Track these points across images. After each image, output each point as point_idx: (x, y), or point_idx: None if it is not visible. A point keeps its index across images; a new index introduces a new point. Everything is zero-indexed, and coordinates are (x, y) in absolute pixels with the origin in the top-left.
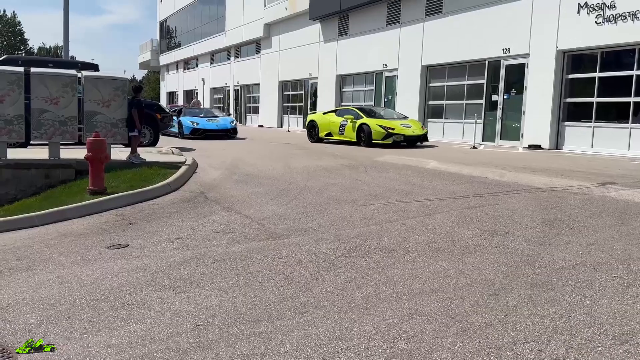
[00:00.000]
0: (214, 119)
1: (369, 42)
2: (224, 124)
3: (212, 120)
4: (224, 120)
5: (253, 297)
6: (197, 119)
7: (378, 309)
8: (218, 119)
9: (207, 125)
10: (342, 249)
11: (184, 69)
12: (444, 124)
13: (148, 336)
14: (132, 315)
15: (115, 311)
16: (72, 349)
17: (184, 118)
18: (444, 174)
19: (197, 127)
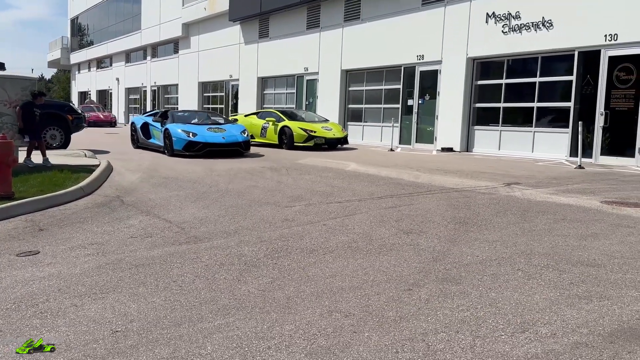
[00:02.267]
0: (218, 129)
1: (290, 46)
2: (233, 135)
3: (215, 129)
4: (232, 130)
5: (173, 301)
6: (192, 128)
7: (299, 308)
8: (222, 127)
9: (209, 136)
10: (264, 251)
11: (97, 68)
12: (364, 127)
13: (63, 344)
14: (45, 324)
15: (27, 320)
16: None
17: (172, 126)
18: (363, 175)
19: (193, 139)
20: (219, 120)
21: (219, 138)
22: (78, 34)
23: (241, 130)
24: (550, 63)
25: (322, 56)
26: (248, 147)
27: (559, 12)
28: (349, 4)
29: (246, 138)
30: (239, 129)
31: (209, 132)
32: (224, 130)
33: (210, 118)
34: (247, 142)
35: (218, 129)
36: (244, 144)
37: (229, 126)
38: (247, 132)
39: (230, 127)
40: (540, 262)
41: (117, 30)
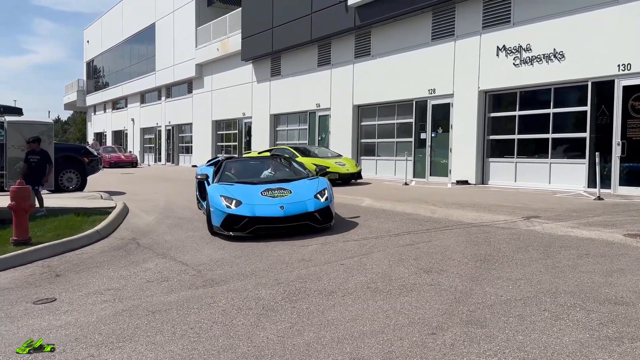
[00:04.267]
0: (280, 190)
1: (302, 82)
2: (299, 203)
3: (274, 192)
4: (301, 191)
5: (191, 349)
6: (239, 190)
7: (320, 355)
8: (286, 188)
9: (259, 206)
10: (282, 294)
11: (112, 109)
12: (377, 161)
13: None
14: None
15: None
16: None
17: (214, 188)
18: (379, 211)
19: (235, 211)
20: (287, 176)
21: (275, 210)
22: (93, 76)
23: (317, 190)
24: (563, 94)
25: (333, 92)
26: (328, 218)
27: (570, 43)
28: (359, 41)
29: (323, 204)
30: (313, 188)
31: (262, 197)
32: (288, 193)
33: (279, 170)
34: (324, 210)
35: (280, 191)
36: (320, 213)
37: (299, 184)
38: (327, 191)
39: (300, 187)
40: (566, 301)
41: (132, 72)
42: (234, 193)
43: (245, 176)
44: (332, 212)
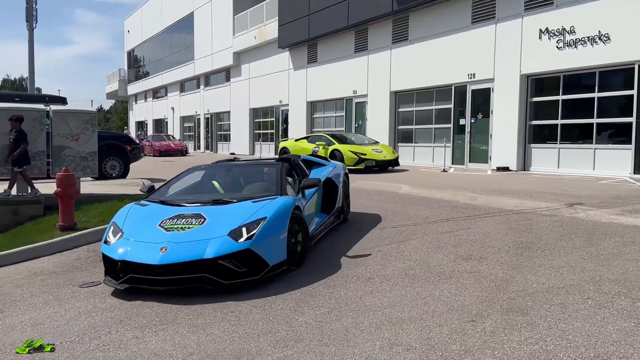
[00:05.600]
0: (189, 221)
1: (338, 69)
2: (197, 245)
3: (181, 223)
4: (224, 219)
5: (231, 332)
6: (144, 216)
7: (358, 340)
8: (201, 219)
9: (143, 249)
10: (319, 279)
11: (153, 98)
12: (414, 148)
13: None
14: (108, 357)
15: (91, 353)
16: None
17: (126, 208)
18: (417, 198)
19: (116, 255)
20: (248, 193)
21: (152, 252)
22: (134, 65)
23: (248, 219)
24: (608, 77)
25: (370, 78)
26: (255, 266)
27: (616, 25)
28: (397, 26)
29: (239, 245)
30: (245, 216)
31: (157, 228)
32: (197, 224)
33: (250, 183)
34: (242, 256)
35: (189, 220)
36: (233, 259)
37: (233, 208)
38: (264, 223)
39: (230, 212)
40: (611, 289)
41: (171, 61)
42: (133, 218)
43: (197, 190)
44: (280, 256)
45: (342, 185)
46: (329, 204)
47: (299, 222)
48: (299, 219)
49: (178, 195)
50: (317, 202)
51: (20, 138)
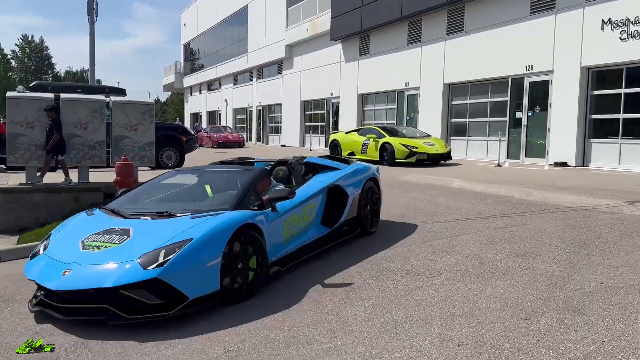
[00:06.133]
0: (110, 238)
1: (391, 61)
2: (98, 273)
3: (102, 239)
4: (145, 238)
5: (281, 321)
6: (77, 228)
7: (408, 334)
8: (124, 237)
9: (46, 271)
10: (369, 272)
11: (207, 91)
12: (467, 142)
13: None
14: (163, 338)
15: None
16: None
17: (74, 217)
18: (469, 193)
19: (27, 270)
20: (200, 204)
21: (54, 275)
22: (190, 58)
23: (170, 240)
24: None
25: (423, 70)
26: (169, 301)
27: None
28: (452, 17)
29: (148, 273)
30: (168, 236)
31: (76, 244)
32: (114, 243)
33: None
34: (152, 285)
35: (111, 237)
36: (142, 289)
37: (166, 224)
38: (188, 245)
39: (158, 229)
40: None
41: (225, 54)
42: (68, 229)
43: (166, 197)
44: (208, 287)
45: (362, 194)
46: (333, 216)
47: (254, 244)
48: (252, 239)
49: (135, 203)
50: (314, 212)
51: (55, 128)
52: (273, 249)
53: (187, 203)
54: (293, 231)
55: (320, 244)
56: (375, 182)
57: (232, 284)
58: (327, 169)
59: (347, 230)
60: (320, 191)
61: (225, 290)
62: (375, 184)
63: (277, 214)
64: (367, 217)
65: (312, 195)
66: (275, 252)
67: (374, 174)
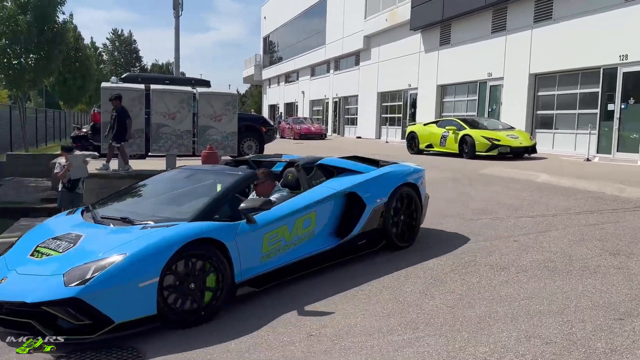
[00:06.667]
0: (57, 245)
1: (472, 51)
2: (23, 287)
3: (51, 246)
4: (90, 247)
5: (362, 309)
6: (41, 232)
7: (492, 329)
8: (70, 244)
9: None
10: (451, 265)
11: (285, 83)
12: (554, 135)
13: (264, 343)
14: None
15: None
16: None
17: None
18: (557, 188)
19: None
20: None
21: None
22: (269, 51)
23: (112, 250)
24: None
25: (507, 60)
26: (89, 323)
27: None
28: (539, 4)
29: (70, 291)
30: (114, 245)
31: (25, 251)
32: (58, 251)
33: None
34: (73, 304)
35: (59, 244)
36: (66, 307)
37: (117, 232)
38: (124, 260)
39: (108, 236)
40: None
41: (303, 46)
42: (36, 231)
43: (141, 200)
44: (141, 310)
45: (391, 202)
46: (346, 226)
47: (213, 261)
48: (211, 256)
49: (122, 203)
50: (315, 223)
51: (122, 115)
52: (246, 266)
53: (164, 207)
54: (279, 245)
55: (326, 259)
56: (414, 188)
57: (182, 305)
58: (346, 172)
59: (365, 244)
60: (328, 198)
61: (162, 316)
62: (414, 191)
63: (254, 227)
64: (398, 229)
65: (315, 204)
66: (249, 270)
67: (412, 179)
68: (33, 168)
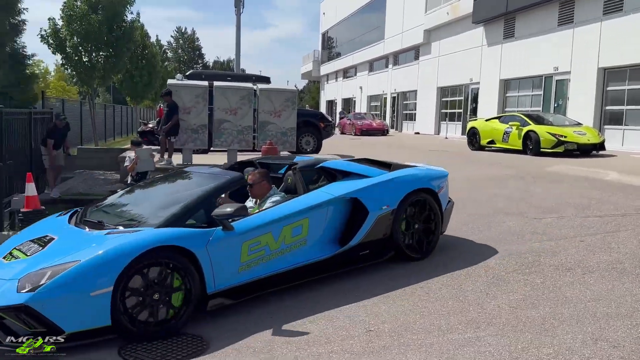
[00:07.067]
0: (29, 247)
1: (537, 45)
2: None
3: (24, 249)
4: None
5: (421, 307)
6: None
7: (557, 331)
8: (40, 246)
9: None
10: (513, 265)
11: (342, 78)
12: (624, 131)
13: (323, 336)
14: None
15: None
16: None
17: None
18: (628, 187)
19: None
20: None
21: None
22: (327, 47)
23: (62, 259)
24: None
25: (575, 54)
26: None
27: None
28: None
29: (20, 297)
30: (65, 252)
31: (4, 250)
32: (26, 254)
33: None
34: (20, 311)
35: (31, 246)
36: (20, 315)
37: (81, 237)
38: (75, 267)
39: (60, 246)
40: None
41: (362, 41)
42: (24, 233)
43: (135, 203)
44: (95, 321)
45: (401, 209)
46: (346, 234)
47: (180, 270)
48: (177, 265)
49: (109, 206)
50: (307, 231)
51: (173, 110)
52: (221, 276)
53: (144, 211)
54: (262, 254)
55: (321, 269)
56: (431, 194)
57: (145, 316)
58: (351, 175)
59: (368, 254)
60: (324, 204)
61: (117, 327)
62: (432, 197)
63: (230, 234)
64: (410, 239)
65: (307, 210)
66: (224, 280)
67: (429, 184)
68: (102, 161)
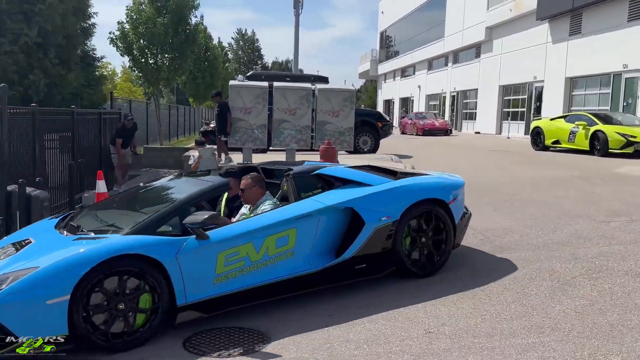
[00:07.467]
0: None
1: (606, 41)
2: None
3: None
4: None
5: (482, 310)
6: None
7: (625, 338)
8: (13, 250)
9: None
10: (580, 269)
11: (400, 77)
12: None
13: (382, 336)
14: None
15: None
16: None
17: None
18: None
19: None
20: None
21: None
22: (385, 45)
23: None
24: None
25: None
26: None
27: None
28: None
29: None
30: (32, 257)
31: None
32: (7, 255)
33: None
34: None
35: (6, 250)
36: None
37: (54, 241)
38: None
39: (33, 251)
40: None
41: (421, 40)
42: (15, 233)
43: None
44: (50, 329)
45: (404, 221)
46: (342, 246)
47: (148, 280)
48: (144, 275)
49: (98, 210)
50: (295, 242)
51: (224, 109)
52: (193, 287)
53: (124, 217)
54: (241, 265)
55: (310, 283)
56: (441, 205)
57: (108, 326)
58: (350, 183)
59: (365, 268)
60: (315, 214)
61: (75, 336)
62: (442, 209)
63: (204, 243)
64: (415, 254)
65: (295, 219)
66: (196, 292)
67: (440, 194)
68: (166, 160)
